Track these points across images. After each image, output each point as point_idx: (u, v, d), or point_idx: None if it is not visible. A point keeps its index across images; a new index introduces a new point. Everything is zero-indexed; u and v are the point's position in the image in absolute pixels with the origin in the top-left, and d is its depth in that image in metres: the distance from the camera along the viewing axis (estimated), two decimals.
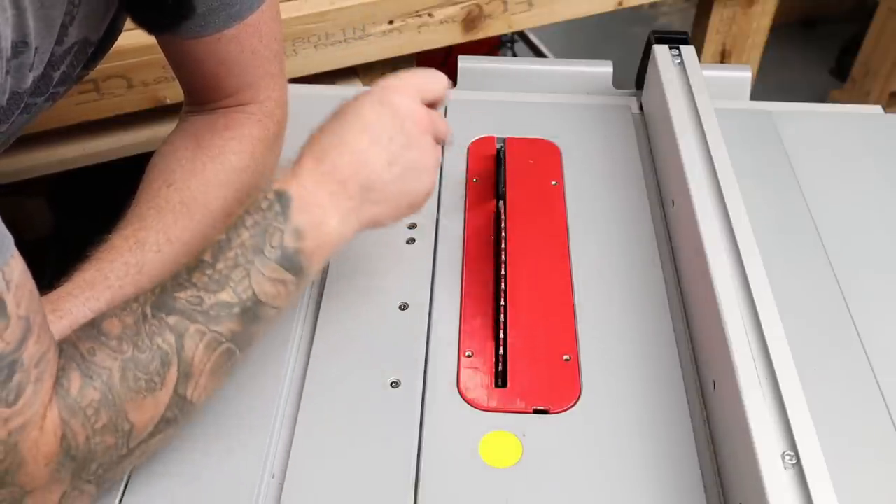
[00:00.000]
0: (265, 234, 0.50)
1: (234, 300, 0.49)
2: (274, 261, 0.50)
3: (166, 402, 0.48)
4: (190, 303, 0.48)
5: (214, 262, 0.49)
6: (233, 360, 0.51)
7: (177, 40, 0.64)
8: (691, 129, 0.71)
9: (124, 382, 0.46)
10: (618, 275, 0.67)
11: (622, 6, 1.18)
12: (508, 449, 0.55)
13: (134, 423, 0.47)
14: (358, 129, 0.55)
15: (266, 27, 0.66)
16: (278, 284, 0.51)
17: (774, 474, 0.47)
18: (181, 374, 0.48)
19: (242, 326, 0.50)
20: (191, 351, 0.48)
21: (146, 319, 0.48)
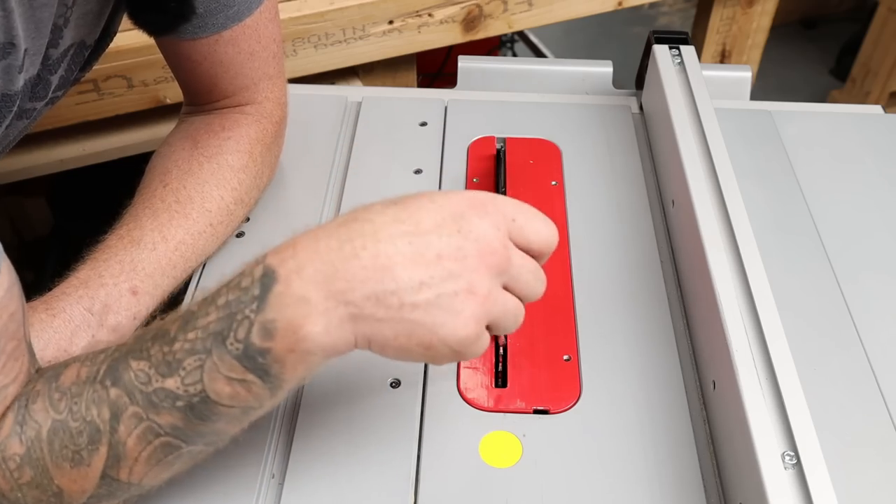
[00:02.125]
0: (231, 320, 0.41)
1: (180, 392, 0.42)
2: (234, 357, 0.41)
3: (95, 479, 0.44)
4: (137, 378, 0.42)
5: (174, 340, 0.42)
6: (178, 453, 0.44)
7: (175, 42, 0.64)
8: (691, 129, 0.71)
9: (50, 446, 0.43)
10: (618, 275, 0.67)
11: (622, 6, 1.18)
12: (508, 449, 0.55)
13: (63, 488, 0.44)
14: (404, 228, 0.42)
15: (264, 29, 0.66)
16: (237, 384, 0.41)
17: (774, 474, 0.47)
18: (111, 456, 0.43)
19: (186, 423, 0.42)
20: (124, 435, 0.43)
21: (94, 381, 0.43)
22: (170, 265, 0.61)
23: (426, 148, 0.79)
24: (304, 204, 0.73)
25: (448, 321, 0.41)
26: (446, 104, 0.84)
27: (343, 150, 0.79)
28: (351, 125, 0.82)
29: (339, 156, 0.78)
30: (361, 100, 0.85)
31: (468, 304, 0.42)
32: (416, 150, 0.79)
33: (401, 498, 0.52)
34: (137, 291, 0.58)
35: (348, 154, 0.78)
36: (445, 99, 0.85)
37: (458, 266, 0.41)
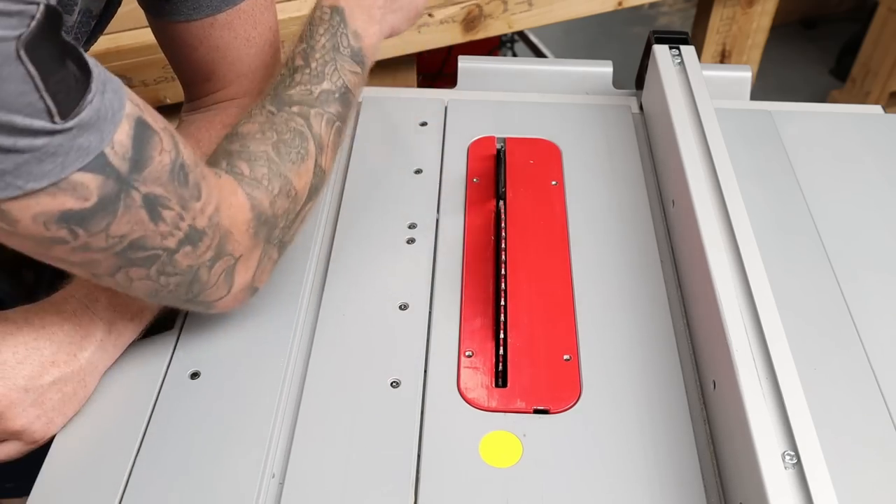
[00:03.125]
0: (335, 37, 0.61)
1: (333, 88, 0.61)
2: (348, 56, 0.62)
3: (312, 169, 0.59)
4: (302, 94, 0.59)
5: (307, 64, 0.60)
6: (342, 136, 0.63)
7: (172, 25, 0.64)
8: (691, 129, 0.71)
9: (280, 158, 0.57)
10: (618, 275, 0.67)
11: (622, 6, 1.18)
12: (508, 449, 0.55)
13: (297, 188, 0.58)
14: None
15: (260, 15, 0.67)
16: (355, 74, 0.62)
17: (775, 474, 0.47)
18: (317, 147, 0.59)
19: (343, 108, 0.62)
20: (317, 128, 0.59)
21: (274, 114, 0.58)
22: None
23: (426, 148, 0.79)
24: None
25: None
26: (446, 104, 0.84)
27: (343, 150, 0.79)
28: (351, 125, 0.82)
29: (339, 155, 0.78)
30: (361, 100, 0.85)
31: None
32: (416, 150, 0.79)
33: (401, 498, 0.52)
34: None
35: (348, 154, 0.78)
36: (445, 99, 0.85)
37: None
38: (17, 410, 0.54)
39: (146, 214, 0.47)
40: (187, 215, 0.49)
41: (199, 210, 0.50)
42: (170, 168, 0.47)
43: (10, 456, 0.56)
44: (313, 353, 0.61)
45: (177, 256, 0.50)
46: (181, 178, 0.48)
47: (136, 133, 0.45)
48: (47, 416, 0.55)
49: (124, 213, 0.45)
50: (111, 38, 0.93)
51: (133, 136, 0.44)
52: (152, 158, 0.46)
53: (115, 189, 0.44)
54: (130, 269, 0.49)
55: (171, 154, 0.47)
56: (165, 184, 0.47)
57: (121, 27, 0.93)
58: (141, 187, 0.46)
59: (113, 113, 0.43)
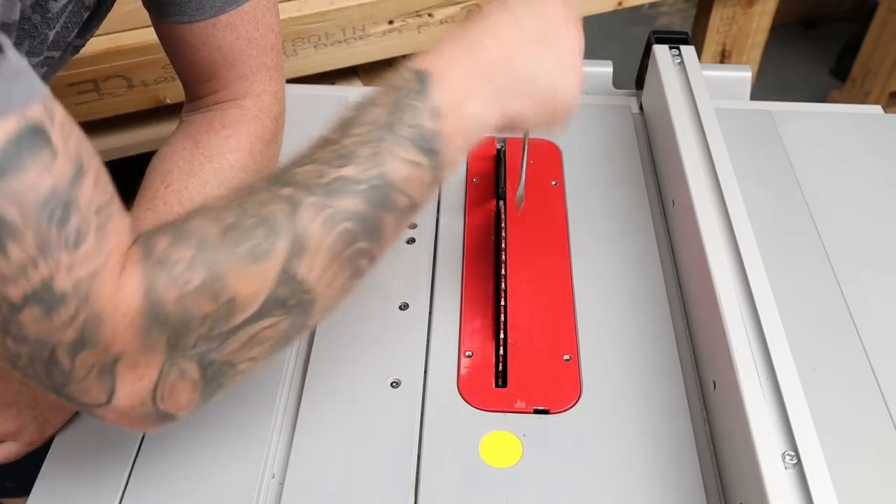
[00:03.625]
0: (400, 111, 0.45)
1: (360, 177, 0.43)
2: (408, 139, 0.45)
3: (274, 275, 0.42)
4: (308, 175, 0.43)
5: (340, 140, 0.45)
6: (356, 248, 0.44)
7: (174, 26, 0.64)
8: (691, 129, 0.71)
9: (222, 245, 0.41)
10: (618, 275, 0.67)
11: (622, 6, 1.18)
12: (508, 449, 0.55)
13: (236, 292, 0.41)
14: (508, 21, 0.51)
15: (262, 17, 0.66)
16: (411, 166, 0.45)
17: (775, 474, 0.47)
18: (293, 248, 0.42)
19: (368, 207, 0.44)
20: (305, 222, 0.42)
21: (254, 192, 0.43)
22: None
23: None
24: None
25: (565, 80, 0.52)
26: None
27: None
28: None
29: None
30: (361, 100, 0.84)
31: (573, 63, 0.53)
32: None
33: (401, 498, 0.52)
34: None
35: None
36: None
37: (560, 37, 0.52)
38: (13, 412, 0.54)
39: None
40: (44, 265, 0.37)
41: (66, 267, 0.38)
42: (45, 196, 0.36)
43: (8, 457, 0.56)
44: (313, 353, 0.61)
45: (21, 316, 0.38)
46: (56, 215, 0.37)
47: (20, 136, 0.36)
48: (44, 416, 0.55)
49: None
50: (111, 38, 0.93)
51: (14, 137, 0.35)
52: (23, 171, 0.35)
53: None
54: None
55: (58, 182, 0.37)
56: (27, 210, 0.36)
57: (121, 27, 0.93)
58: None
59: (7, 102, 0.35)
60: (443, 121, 0.46)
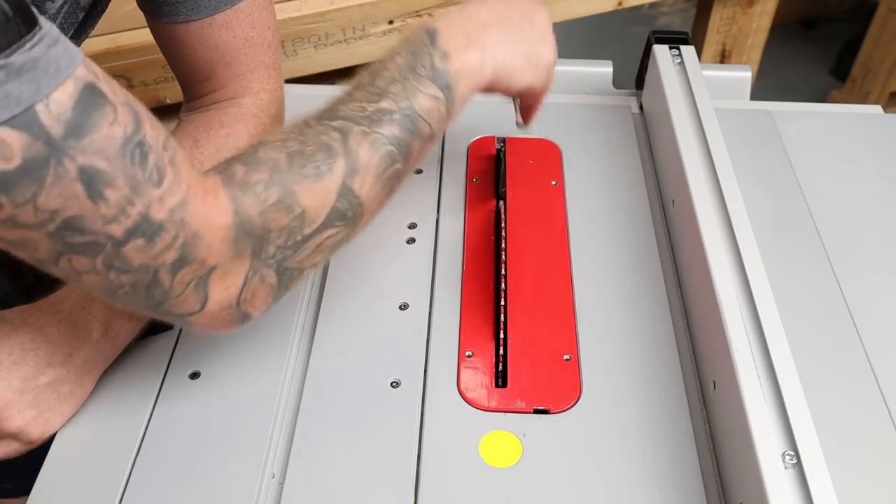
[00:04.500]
0: (416, 57, 0.55)
1: (394, 108, 0.53)
2: (426, 77, 0.54)
3: (335, 190, 0.50)
4: (352, 110, 0.52)
5: (373, 83, 0.53)
6: (395, 167, 0.53)
7: (171, 26, 0.64)
8: (691, 129, 0.71)
9: (291, 168, 0.49)
10: (618, 275, 0.67)
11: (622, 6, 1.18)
12: (508, 449, 0.55)
13: (305, 206, 0.49)
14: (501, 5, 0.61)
15: (258, 15, 0.66)
16: (431, 99, 0.54)
17: (775, 474, 0.47)
18: (348, 167, 0.50)
19: (402, 132, 0.53)
20: (356, 146, 0.51)
21: (310, 126, 0.51)
22: None
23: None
24: None
25: (545, 44, 0.62)
26: None
27: None
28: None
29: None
30: None
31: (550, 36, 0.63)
32: None
33: (401, 498, 0.52)
34: None
35: None
36: None
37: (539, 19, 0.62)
38: (13, 411, 0.54)
39: (82, 189, 0.40)
40: (139, 201, 0.42)
41: (157, 198, 0.43)
42: (121, 142, 0.41)
43: (8, 455, 0.56)
44: (313, 353, 0.61)
45: (125, 249, 0.43)
46: (136, 157, 0.42)
47: (81, 97, 0.39)
48: (43, 416, 0.55)
49: (54, 183, 0.39)
50: (111, 38, 0.93)
51: (77, 99, 0.39)
52: (97, 127, 0.40)
53: (44, 153, 0.39)
54: (73, 258, 0.43)
55: (127, 128, 0.41)
56: (111, 158, 0.41)
57: (121, 27, 0.93)
58: (78, 156, 0.40)
59: (58, 68, 0.38)
60: (451, 62, 0.55)
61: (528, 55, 0.61)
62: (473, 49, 0.57)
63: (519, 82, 0.61)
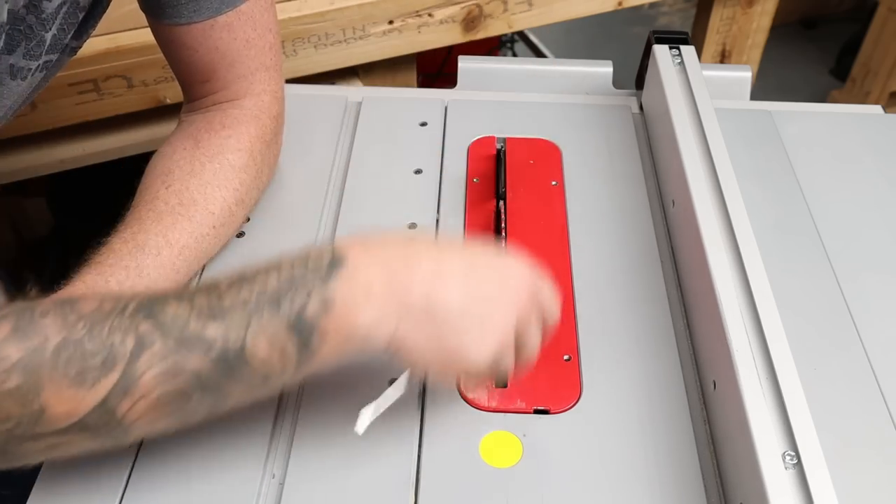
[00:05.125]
0: (292, 288, 0.44)
1: (219, 340, 0.43)
2: (283, 321, 0.44)
3: (91, 405, 0.42)
4: (175, 319, 0.43)
5: (224, 294, 0.44)
6: (188, 405, 0.44)
7: (172, 28, 0.64)
8: (691, 129, 0.71)
9: (55, 358, 0.41)
10: (618, 275, 0.67)
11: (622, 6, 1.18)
12: (508, 449, 0.55)
13: (45, 407, 0.42)
14: (462, 257, 0.49)
15: (260, 17, 0.66)
16: (275, 350, 0.44)
17: (775, 474, 0.47)
18: (120, 387, 0.43)
19: (211, 373, 0.44)
20: (143, 367, 0.43)
21: (122, 314, 0.43)
22: (174, 270, 0.61)
23: (426, 148, 0.79)
24: (305, 204, 0.73)
25: (474, 345, 0.48)
26: (446, 104, 0.84)
27: (343, 150, 0.79)
28: (351, 125, 0.82)
29: (339, 156, 0.78)
30: (361, 100, 0.85)
31: (493, 336, 0.48)
32: (416, 150, 0.79)
33: (401, 498, 0.52)
34: None
35: (348, 154, 0.78)
36: (445, 99, 0.85)
37: (496, 302, 0.48)
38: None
39: None
40: None
41: None
42: None
43: None
44: None
45: None
46: None
47: None
48: None
49: None
50: (111, 38, 0.93)
51: None
52: None
53: None
54: None
55: None
56: None
57: (121, 27, 0.93)
58: None
59: None
60: (328, 316, 0.44)
61: (444, 348, 0.47)
62: (369, 313, 0.45)
63: (415, 367, 0.51)
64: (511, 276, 0.50)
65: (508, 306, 0.49)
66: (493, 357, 0.49)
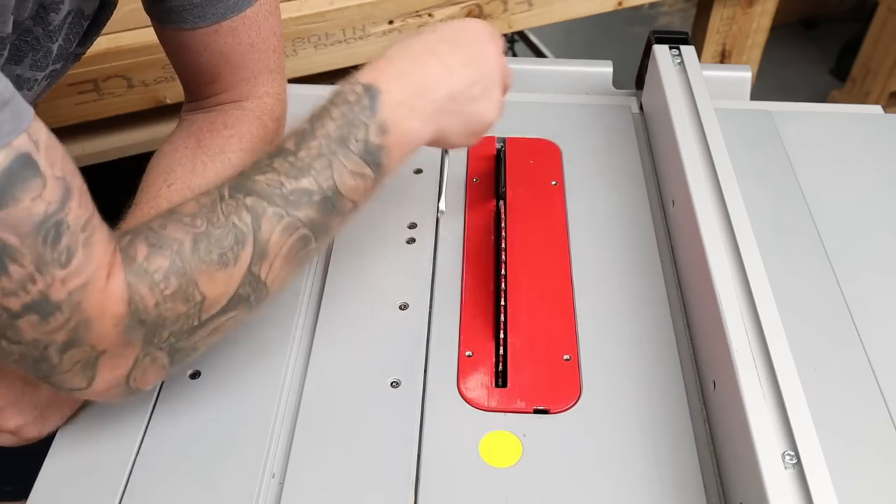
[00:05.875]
0: (351, 126, 0.51)
1: (315, 188, 0.50)
2: (357, 154, 0.51)
3: (239, 278, 0.48)
4: (269, 185, 0.49)
5: (297, 150, 0.50)
6: (308, 248, 0.51)
7: (177, 32, 0.64)
8: (691, 129, 0.71)
9: (195, 253, 0.47)
10: (618, 275, 0.67)
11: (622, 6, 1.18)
12: (508, 449, 0.55)
13: (206, 294, 0.47)
14: (449, 44, 0.57)
15: (264, 21, 0.66)
16: (358, 178, 0.51)
17: (774, 474, 0.47)
18: (256, 253, 0.48)
19: (320, 215, 0.50)
20: (267, 232, 0.48)
21: (223, 199, 0.48)
22: None
23: (426, 148, 0.79)
24: None
25: (490, 107, 0.59)
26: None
27: None
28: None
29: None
30: None
31: (497, 92, 0.59)
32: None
33: (401, 498, 0.52)
34: None
35: None
36: None
37: (487, 68, 0.58)
38: (14, 410, 0.54)
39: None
40: (41, 280, 0.42)
41: (60, 280, 0.42)
42: (39, 220, 0.40)
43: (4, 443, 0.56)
44: (313, 353, 0.61)
45: (20, 322, 0.43)
46: (49, 236, 0.41)
47: (11, 167, 0.39)
48: (43, 415, 0.55)
49: None
50: (111, 38, 0.93)
51: (5, 169, 0.39)
52: (18, 200, 0.39)
53: None
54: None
55: (50, 206, 0.41)
56: (23, 235, 0.40)
57: (121, 27, 0.93)
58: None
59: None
60: (388, 136, 0.52)
61: (470, 122, 0.58)
62: (415, 118, 0.54)
63: (454, 145, 0.60)
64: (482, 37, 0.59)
65: (495, 66, 0.59)
66: (502, 107, 0.60)
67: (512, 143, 0.79)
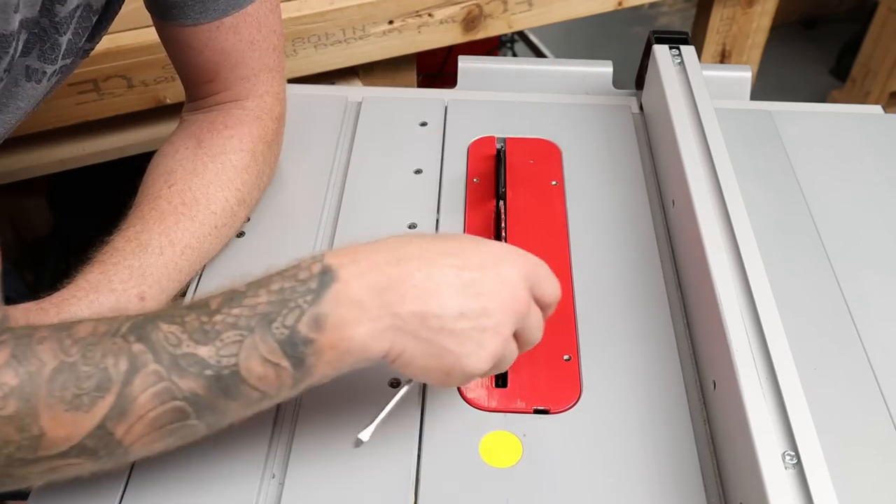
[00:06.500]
0: (283, 306, 0.44)
1: (212, 361, 0.43)
2: (276, 340, 0.43)
3: (89, 428, 0.42)
4: (167, 339, 0.43)
5: (215, 312, 0.44)
6: (185, 423, 0.44)
7: (178, 28, 0.64)
8: (691, 129, 0.71)
9: (51, 383, 0.42)
10: (618, 275, 0.67)
11: (622, 6, 1.18)
12: (508, 449, 0.55)
13: (45, 431, 0.42)
14: (454, 261, 0.47)
15: (265, 19, 0.66)
16: (270, 367, 0.44)
17: (775, 474, 0.47)
18: (115, 408, 0.42)
19: (207, 392, 0.43)
20: (138, 390, 0.42)
21: (117, 334, 0.43)
22: (176, 270, 0.61)
23: (426, 148, 0.79)
24: (305, 204, 0.73)
25: (473, 353, 0.47)
26: (446, 104, 0.84)
27: (343, 150, 0.79)
28: (351, 125, 0.82)
29: (339, 156, 0.78)
30: (361, 100, 0.85)
31: (493, 342, 0.47)
32: (416, 150, 0.79)
33: (401, 498, 0.52)
34: (145, 297, 0.59)
35: (348, 154, 0.78)
36: (445, 99, 0.85)
37: (492, 306, 0.47)
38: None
39: None
40: None
41: None
42: None
43: None
44: None
45: None
46: None
47: None
48: None
49: None
50: (111, 38, 0.93)
51: None
52: None
53: None
54: None
55: None
56: None
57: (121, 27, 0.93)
58: None
59: None
60: (322, 332, 0.44)
61: (443, 359, 0.46)
62: (363, 327, 0.44)
63: (420, 378, 0.49)
64: (506, 273, 0.48)
65: (505, 308, 0.48)
66: (493, 363, 0.48)
67: (512, 143, 0.79)
